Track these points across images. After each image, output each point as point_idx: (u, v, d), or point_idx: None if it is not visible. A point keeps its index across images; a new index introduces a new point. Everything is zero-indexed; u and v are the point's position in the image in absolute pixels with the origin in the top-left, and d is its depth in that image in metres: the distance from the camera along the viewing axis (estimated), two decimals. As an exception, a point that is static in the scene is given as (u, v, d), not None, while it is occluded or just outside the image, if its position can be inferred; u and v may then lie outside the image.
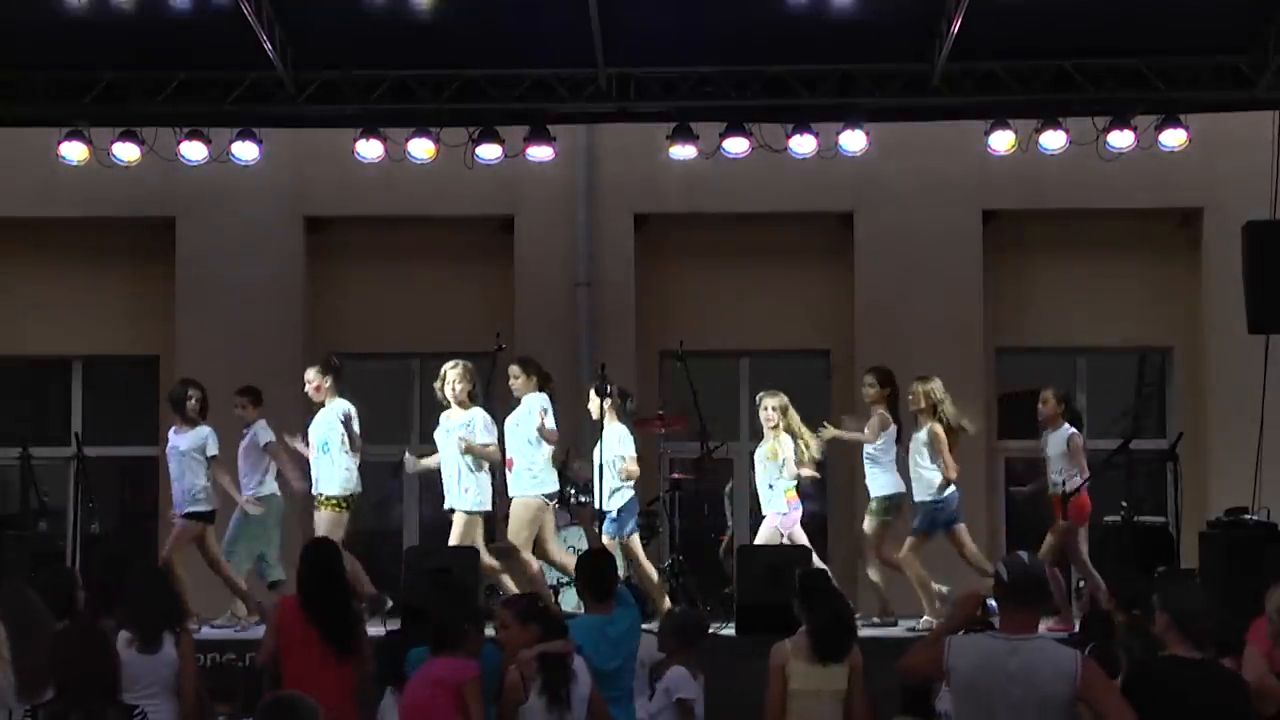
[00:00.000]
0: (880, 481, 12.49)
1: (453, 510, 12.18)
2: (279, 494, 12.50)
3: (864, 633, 11.87)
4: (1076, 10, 11.85)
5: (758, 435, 12.97)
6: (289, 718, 5.84)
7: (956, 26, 11.67)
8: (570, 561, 11.41)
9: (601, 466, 12.28)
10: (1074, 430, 12.37)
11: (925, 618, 12.06)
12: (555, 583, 12.65)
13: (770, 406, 12.56)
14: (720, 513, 14.72)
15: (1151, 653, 7.99)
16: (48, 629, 7.09)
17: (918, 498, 12.37)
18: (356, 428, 12.11)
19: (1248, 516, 11.94)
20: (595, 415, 12.52)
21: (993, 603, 6.42)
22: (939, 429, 12.25)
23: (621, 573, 11.66)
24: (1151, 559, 11.80)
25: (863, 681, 7.79)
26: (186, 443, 12.26)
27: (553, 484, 12.32)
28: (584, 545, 12.59)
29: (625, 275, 15.64)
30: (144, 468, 15.72)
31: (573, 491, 13.12)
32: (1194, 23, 12.14)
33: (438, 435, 12.34)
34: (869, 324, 15.40)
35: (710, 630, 11.18)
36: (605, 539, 12.19)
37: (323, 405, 12.26)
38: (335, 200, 15.55)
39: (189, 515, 12.15)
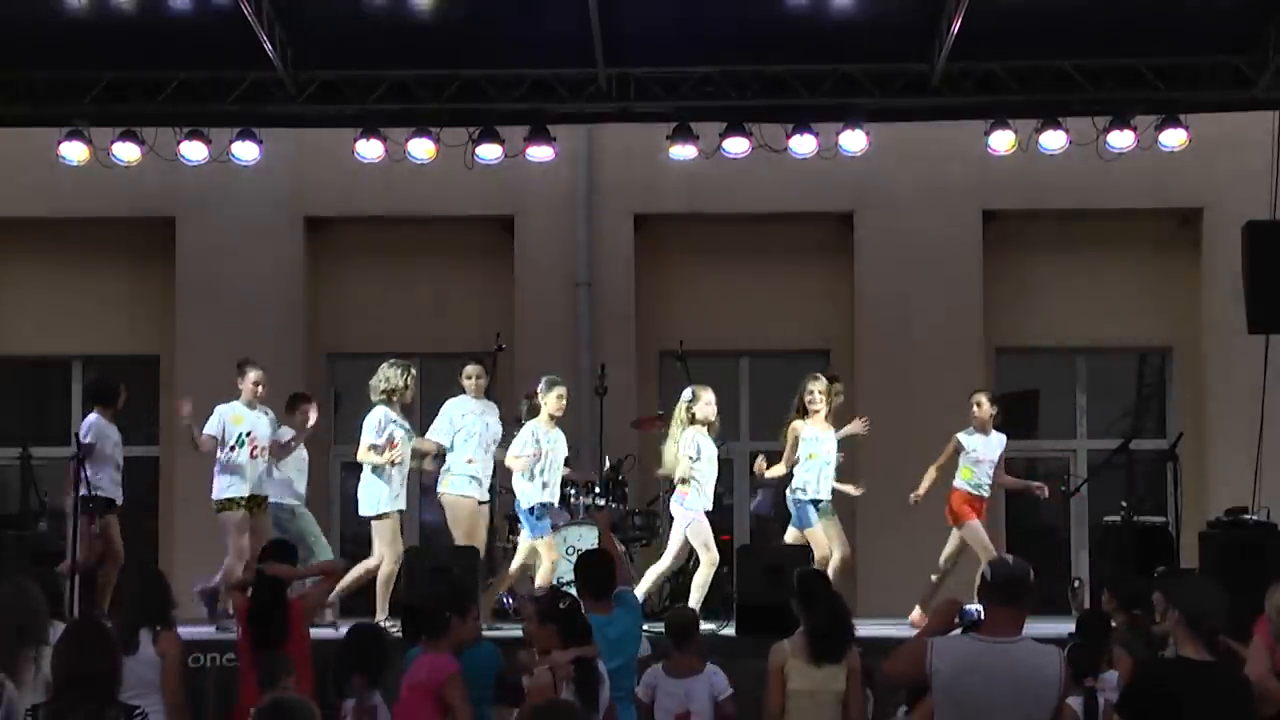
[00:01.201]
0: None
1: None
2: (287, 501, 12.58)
3: (863, 632, 11.91)
4: (1076, 10, 11.84)
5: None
6: (288, 718, 5.84)
7: (956, 26, 11.67)
8: None
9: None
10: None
11: None
12: (556, 581, 12.64)
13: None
14: (719, 512, 14.71)
15: (1153, 652, 8.00)
16: (44, 628, 7.10)
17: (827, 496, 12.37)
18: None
19: (1248, 516, 11.94)
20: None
21: (971, 608, 6.39)
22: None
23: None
24: (1151, 559, 11.81)
25: (860, 682, 7.80)
26: (118, 433, 12.29)
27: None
28: (583, 546, 12.57)
29: (625, 275, 15.64)
30: (144, 468, 15.71)
31: (573, 492, 13.12)
32: (1194, 23, 12.14)
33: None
34: (869, 324, 15.40)
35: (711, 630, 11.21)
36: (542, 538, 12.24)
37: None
38: (335, 200, 15.56)
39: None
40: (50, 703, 6.22)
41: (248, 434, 12.10)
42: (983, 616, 6.21)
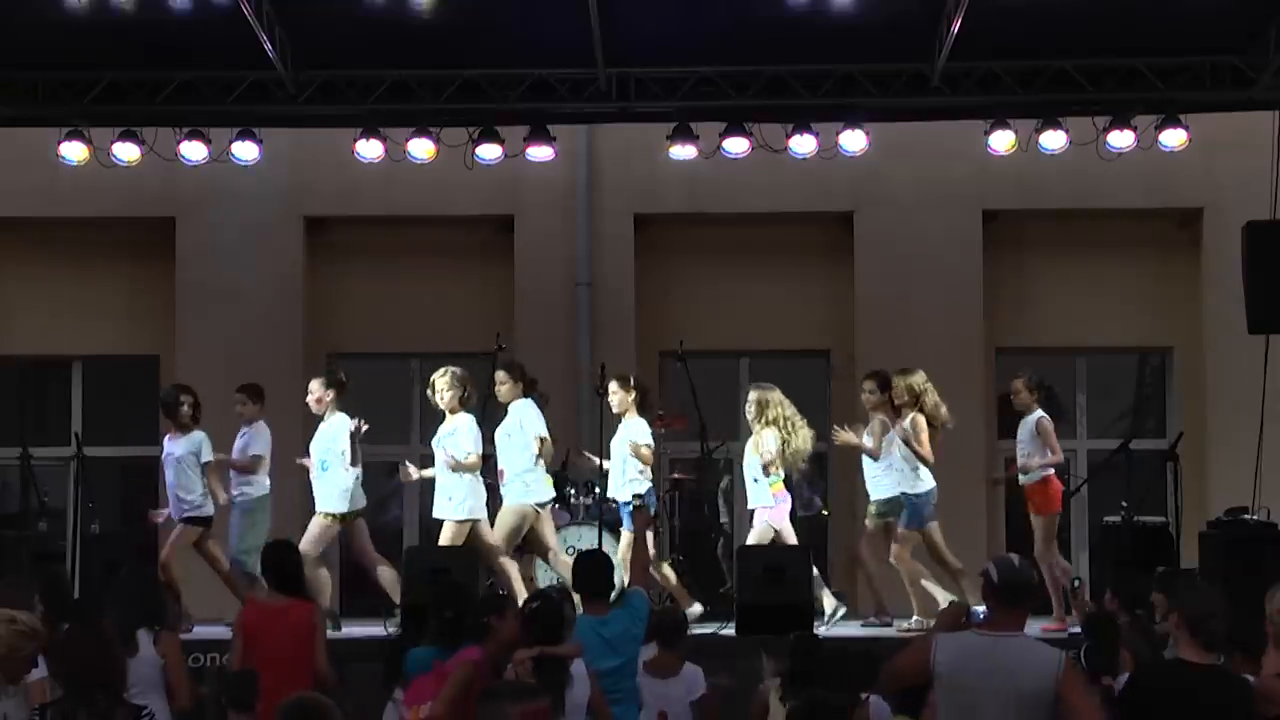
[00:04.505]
0: (881, 484, 12.47)
1: (441, 520, 12.17)
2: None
3: (858, 633, 11.92)
4: (1076, 10, 11.84)
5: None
6: (312, 718, 5.85)
7: (956, 26, 11.67)
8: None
9: (616, 460, 12.33)
10: (1043, 414, 12.39)
11: (915, 617, 12.03)
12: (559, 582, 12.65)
13: (751, 400, 12.54)
14: (718, 511, 14.74)
15: (1155, 652, 7.99)
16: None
17: (901, 489, 12.32)
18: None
19: (1248, 516, 11.94)
20: (617, 409, 12.48)
21: (979, 609, 6.39)
22: (921, 419, 12.23)
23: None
24: (1151, 559, 11.79)
25: None
26: (181, 448, 12.24)
27: (545, 492, 12.30)
28: (584, 546, 12.57)
29: (625, 276, 15.64)
30: (144, 468, 15.71)
31: (571, 491, 13.12)
32: (1194, 23, 12.14)
33: (434, 442, 12.35)
34: (869, 324, 15.40)
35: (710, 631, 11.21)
36: (626, 534, 12.13)
37: (322, 418, 12.23)
38: (335, 200, 15.55)
39: (188, 520, 12.15)
40: (58, 702, 6.24)
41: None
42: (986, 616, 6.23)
